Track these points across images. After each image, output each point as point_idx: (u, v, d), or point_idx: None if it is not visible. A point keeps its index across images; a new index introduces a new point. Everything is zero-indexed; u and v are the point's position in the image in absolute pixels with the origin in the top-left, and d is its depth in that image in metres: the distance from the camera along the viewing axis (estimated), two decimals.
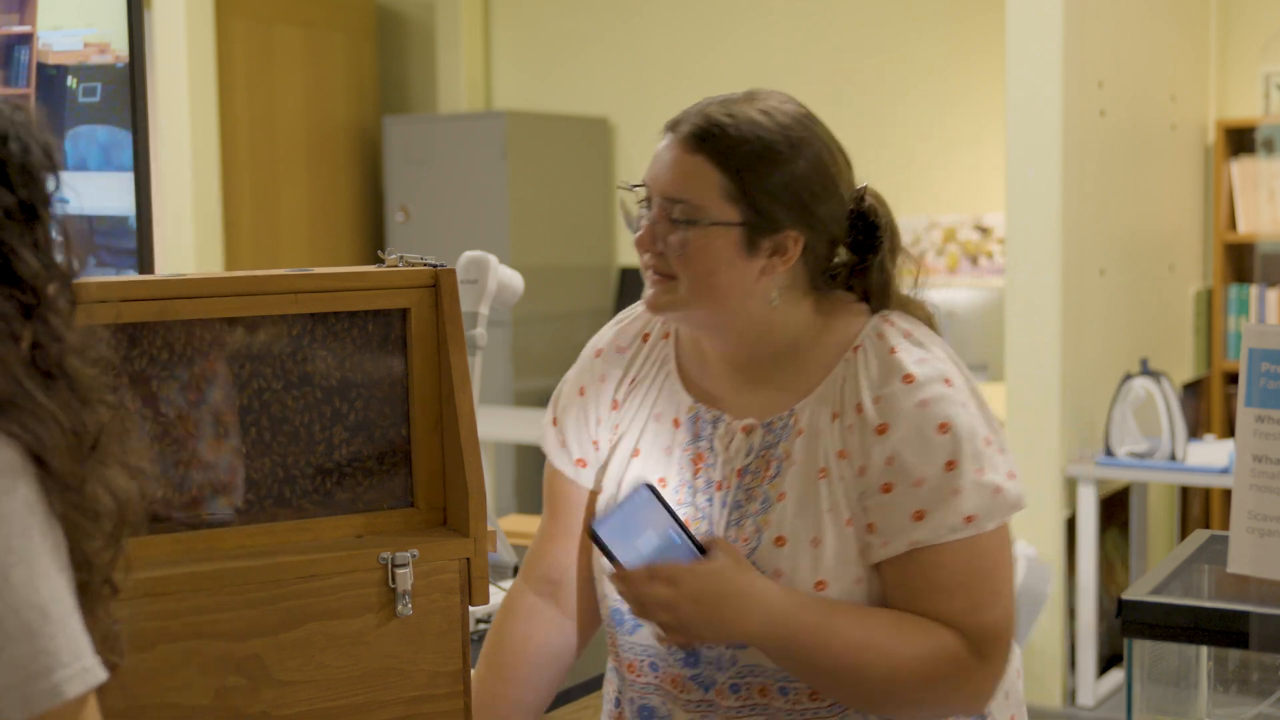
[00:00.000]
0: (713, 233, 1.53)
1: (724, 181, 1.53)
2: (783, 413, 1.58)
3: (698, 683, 1.60)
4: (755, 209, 1.53)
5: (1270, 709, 1.49)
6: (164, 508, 1.47)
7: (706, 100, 1.60)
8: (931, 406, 1.52)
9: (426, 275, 1.57)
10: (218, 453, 1.50)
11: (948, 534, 1.50)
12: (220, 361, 1.50)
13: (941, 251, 6.24)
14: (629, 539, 1.51)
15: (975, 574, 1.51)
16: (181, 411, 1.48)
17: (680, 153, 1.56)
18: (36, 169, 1.12)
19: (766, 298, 1.56)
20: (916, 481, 1.51)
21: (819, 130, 1.60)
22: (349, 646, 1.48)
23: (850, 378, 1.56)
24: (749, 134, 1.54)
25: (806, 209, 1.55)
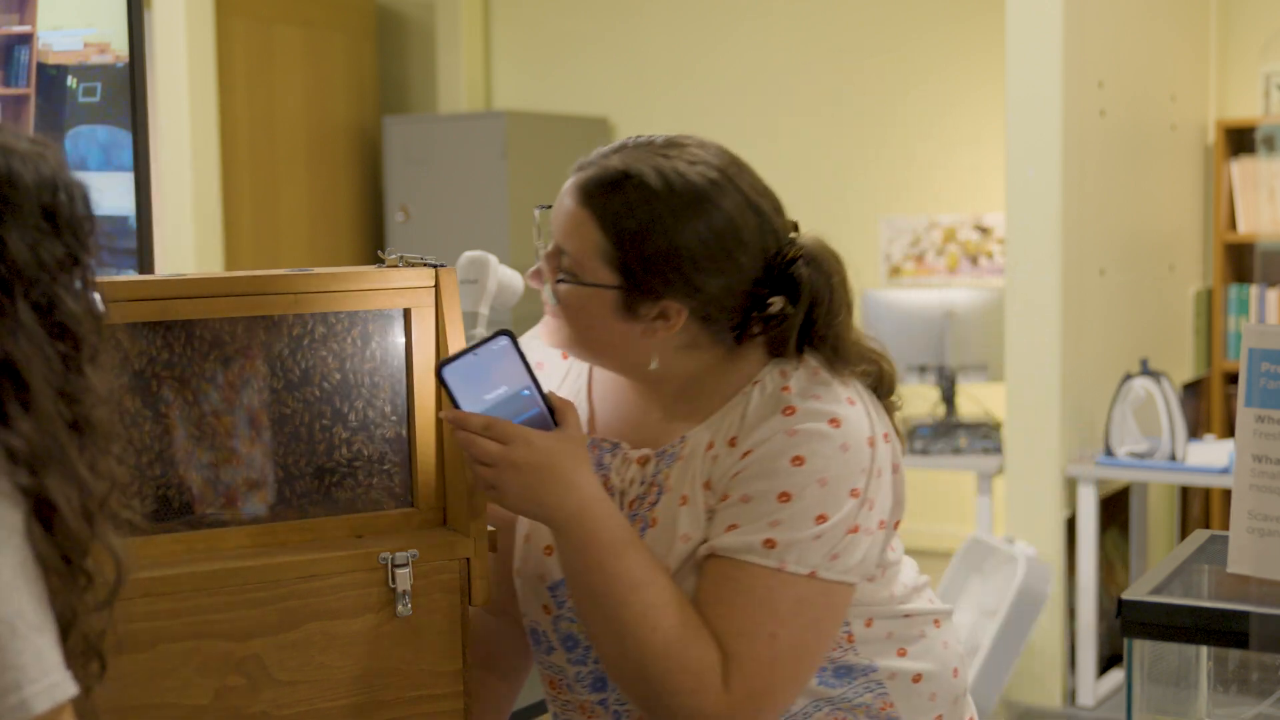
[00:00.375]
0: (589, 292, 1.50)
1: (604, 243, 1.48)
2: (675, 440, 1.56)
3: (605, 708, 1.59)
4: (632, 277, 1.48)
5: (1270, 709, 1.49)
6: (165, 508, 1.48)
7: (623, 143, 1.53)
8: (797, 439, 1.46)
9: (426, 275, 1.57)
10: (217, 453, 1.50)
11: (745, 552, 1.45)
12: (221, 361, 1.50)
13: (941, 251, 6.24)
14: (477, 386, 1.47)
15: (762, 607, 1.45)
16: (182, 411, 1.48)
17: (571, 202, 1.51)
18: (81, 219, 1.14)
19: (649, 357, 1.53)
20: (744, 497, 1.47)
21: (729, 195, 1.50)
22: (349, 646, 1.48)
23: (739, 409, 1.52)
24: (639, 198, 1.48)
25: (689, 282, 1.48)
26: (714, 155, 1.53)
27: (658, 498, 1.54)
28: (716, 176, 1.51)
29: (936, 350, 5.22)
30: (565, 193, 1.53)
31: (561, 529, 1.47)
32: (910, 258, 6.28)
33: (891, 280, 6.28)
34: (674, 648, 1.44)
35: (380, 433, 1.56)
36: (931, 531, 5.88)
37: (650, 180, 1.48)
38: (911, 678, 1.59)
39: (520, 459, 1.45)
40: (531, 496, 1.46)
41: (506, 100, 7.02)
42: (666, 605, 1.46)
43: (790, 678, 1.47)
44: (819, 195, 6.35)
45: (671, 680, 1.44)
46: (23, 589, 1.04)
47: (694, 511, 1.51)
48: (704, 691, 1.44)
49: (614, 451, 1.60)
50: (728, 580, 1.46)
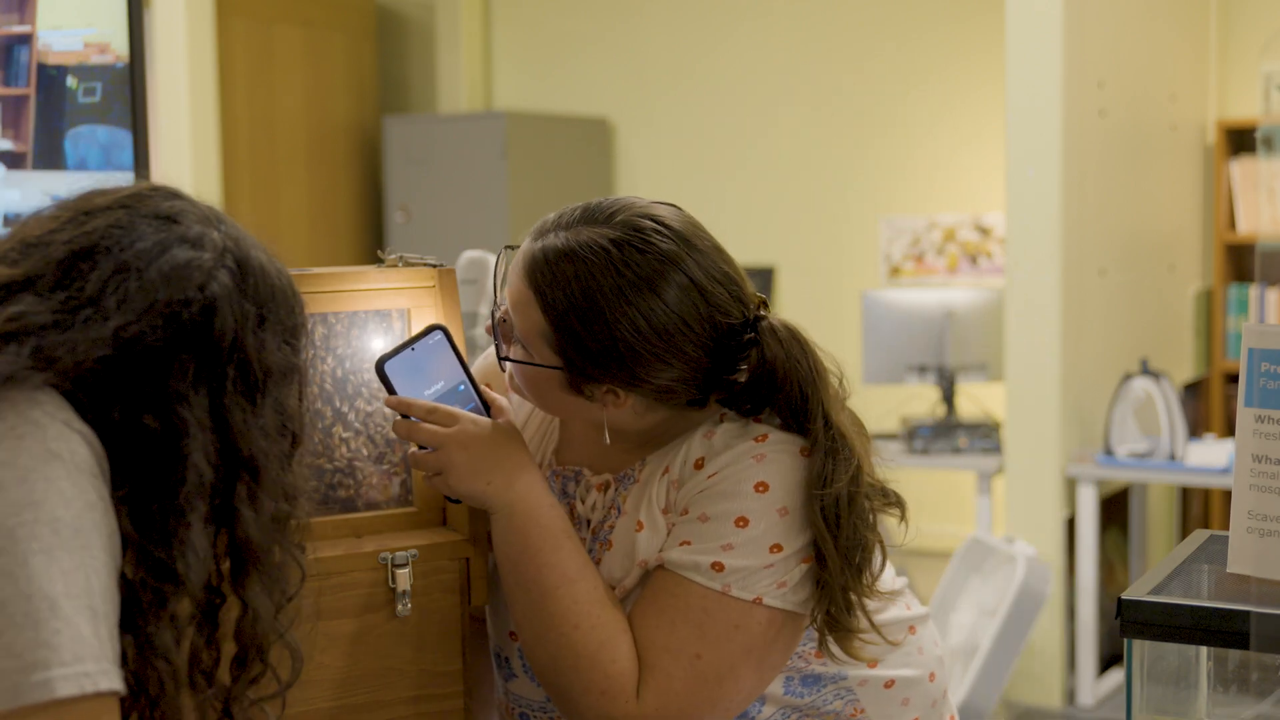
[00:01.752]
0: (535, 370, 1.48)
1: (545, 328, 1.45)
2: (635, 464, 1.54)
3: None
4: (573, 364, 1.45)
5: (1270, 709, 1.49)
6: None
7: (586, 211, 1.47)
8: (765, 463, 1.45)
9: (426, 275, 1.57)
10: None
11: (691, 570, 1.43)
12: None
13: (941, 251, 6.24)
14: (416, 380, 1.49)
15: (693, 627, 1.42)
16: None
17: (519, 279, 1.47)
18: (304, 329, 1.23)
19: (603, 422, 1.50)
20: (703, 516, 1.45)
21: (677, 284, 1.43)
22: (349, 646, 1.48)
23: (705, 436, 1.50)
24: (581, 289, 1.42)
25: (632, 374, 1.44)
26: (670, 240, 1.45)
27: (615, 520, 1.53)
28: (669, 268, 1.44)
29: (936, 350, 5.22)
30: (517, 261, 1.49)
31: (503, 510, 1.47)
32: (910, 258, 6.28)
33: (891, 280, 6.28)
34: (592, 648, 1.43)
35: (380, 433, 1.56)
36: (931, 531, 5.88)
37: (596, 269, 1.43)
38: (883, 684, 1.57)
39: (467, 439, 1.46)
40: (479, 474, 1.46)
41: (506, 100, 7.02)
42: (593, 604, 1.45)
43: (708, 701, 1.44)
44: (819, 195, 6.35)
45: (585, 679, 1.43)
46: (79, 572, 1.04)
47: (652, 537, 1.49)
48: (615, 697, 1.43)
49: (576, 479, 1.58)
50: (667, 594, 1.45)
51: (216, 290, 1.15)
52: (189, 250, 1.16)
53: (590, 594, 1.45)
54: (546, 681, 1.48)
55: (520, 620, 1.48)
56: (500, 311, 1.52)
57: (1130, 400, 4.70)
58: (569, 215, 1.48)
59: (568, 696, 1.45)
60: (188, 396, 1.13)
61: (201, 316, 1.14)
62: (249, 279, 1.18)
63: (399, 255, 1.59)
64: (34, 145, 2.05)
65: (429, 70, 7.04)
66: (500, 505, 1.47)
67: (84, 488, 1.07)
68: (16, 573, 1.01)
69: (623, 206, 1.48)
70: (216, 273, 1.16)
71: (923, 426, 5.07)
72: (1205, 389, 5.59)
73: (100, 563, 1.06)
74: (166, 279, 1.13)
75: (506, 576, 1.49)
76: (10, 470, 1.05)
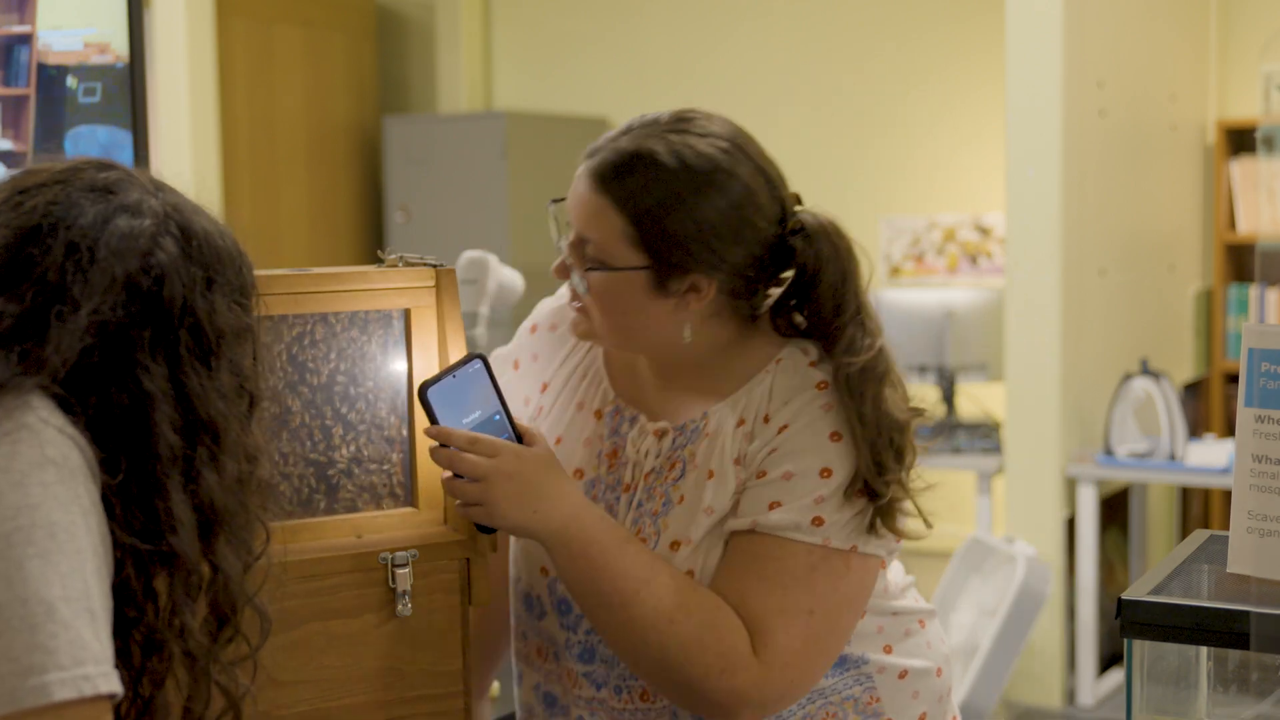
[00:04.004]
0: (619, 277, 1.50)
1: (625, 227, 1.49)
2: (695, 416, 1.56)
3: (589, 680, 1.59)
4: (659, 255, 1.49)
5: (1270, 709, 1.49)
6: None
7: (629, 125, 1.53)
8: (833, 412, 1.49)
9: (426, 275, 1.57)
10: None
11: (792, 531, 1.47)
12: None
13: (941, 251, 6.24)
14: (456, 408, 1.49)
15: (803, 584, 1.46)
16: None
17: (588, 190, 1.52)
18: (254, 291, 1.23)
19: (681, 331, 1.53)
20: (786, 474, 1.48)
21: (741, 164, 1.51)
22: (349, 646, 1.48)
23: (765, 386, 1.53)
24: (654, 177, 1.48)
25: (715, 253, 1.49)
26: (721, 126, 1.53)
27: (681, 474, 1.55)
28: (727, 146, 1.51)
29: (936, 350, 5.22)
30: (579, 181, 1.53)
31: (557, 536, 1.48)
32: (910, 258, 6.28)
33: (891, 280, 6.28)
34: (696, 633, 1.45)
35: (380, 433, 1.56)
36: (931, 531, 5.88)
37: (663, 158, 1.48)
38: (898, 674, 1.60)
39: (512, 469, 1.46)
40: (525, 505, 1.46)
41: (506, 100, 7.02)
42: (679, 592, 1.46)
43: (823, 653, 1.50)
44: (819, 195, 6.28)
45: (699, 666, 1.45)
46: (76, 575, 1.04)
47: (720, 486, 1.51)
48: (736, 670, 1.45)
49: (632, 422, 1.60)
50: (770, 559, 1.47)
51: (163, 257, 1.16)
52: (130, 219, 1.16)
53: (670, 585, 1.47)
54: (663, 683, 1.49)
55: (614, 635, 1.48)
56: (571, 238, 1.54)
57: (1130, 400, 4.70)
58: (619, 130, 1.53)
59: (688, 686, 1.46)
60: (148, 367, 1.13)
61: (154, 285, 1.15)
62: (193, 242, 1.19)
63: (399, 255, 1.59)
64: (34, 145, 2.05)
65: (429, 70, 7.03)
66: (549, 533, 1.48)
67: (78, 492, 1.07)
68: (13, 576, 1.01)
69: (674, 111, 1.54)
70: (161, 239, 1.16)
71: (923, 426, 5.06)
72: (1205, 389, 5.59)
73: (95, 566, 1.06)
74: (117, 253, 1.14)
75: (583, 600, 1.49)
76: (6, 475, 1.05)
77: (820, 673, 1.51)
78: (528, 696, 1.68)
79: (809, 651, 1.48)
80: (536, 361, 1.70)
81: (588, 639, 1.58)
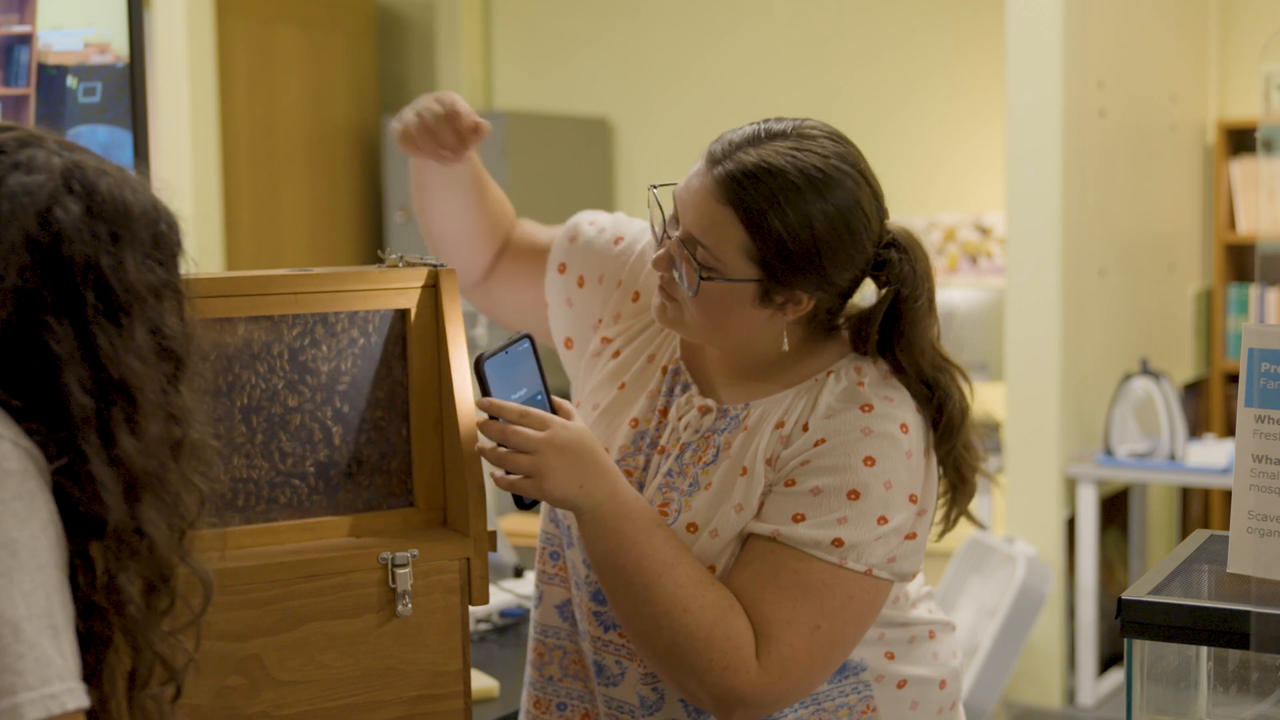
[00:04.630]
0: (728, 285, 1.52)
1: (746, 241, 1.50)
2: (739, 405, 1.59)
3: (598, 620, 1.62)
4: (772, 271, 1.51)
5: (1270, 709, 1.49)
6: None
7: (753, 131, 1.54)
8: (871, 438, 1.51)
9: (426, 275, 1.57)
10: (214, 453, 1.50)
11: (812, 547, 1.49)
12: (221, 362, 1.49)
13: (941, 251, 6.24)
14: (505, 384, 1.51)
15: (814, 600, 1.49)
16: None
17: (709, 197, 1.52)
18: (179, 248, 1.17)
19: (770, 338, 1.57)
20: (814, 489, 1.50)
21: (854, 180, 1.54)
22: (349, 646, 1.48)
23: (811, 395, 1.56)
24: (781, 197, 1.50)
25: (824, 273, 1.52)
26: (838, 142, 1.56)
27: (714, 459, 1.57)
28: (847, 168, 1.53)
29: None
30: (701, 183, 1.53)
31: (598, 509, 1.50)
32: None
33: None
34: (706, 626, 1.47)
35: (380, 433, 1.56)
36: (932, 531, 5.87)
37: (791, 177, 1.50)
38: (896, 683, 1.61)
39: (562, 442, 1.49)
40: (573, 478, 1.49)
41: (506, 100, 7.02)
42: (697, 584, 1.49)
43: (822, 666, 1.51)
44: None
45: (704, 659, 1.47)
46: (39, 592, 1.03)
47: (751, 484, 1.54)
48: (738, 669, 1.47)
49: (684, 389, 1.63)
50: (786, 569, 1.49)
51: (61, 214, 1.11)
52: (23, 176, 1.12)
53: (690, 575, 1.49)
54: (667, 668, 1.51)
55: (628, 616, 1.51)
56: (680, 233, 1.54)
57: (1130, 400, 4.70)
58: (744, 137, 1.53)
59: (690, 677, 1.49)
60: (54, 328, 1.09)
61: (54, 242, 1.10)
62: (95, 196, 1.13)
63: (399, 255, 1.59)
64: None
65: (429, 70, 7.03)
66: (590, 506, 1.50)
67: (37, 505, 1.06)
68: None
69: (791, 121, 1.56)
70: (60, 196, 1.12)
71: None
72: (1205, 389, 5.59)
73: (56, 577, 1.05)
74: (11, 212, 1.10)
75: (605, 574, 1.52)
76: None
77: (817, 683, 1.54)
78: (547, 616, 1.70)
79: (810, 663, 1.50)
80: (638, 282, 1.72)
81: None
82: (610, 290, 1.73)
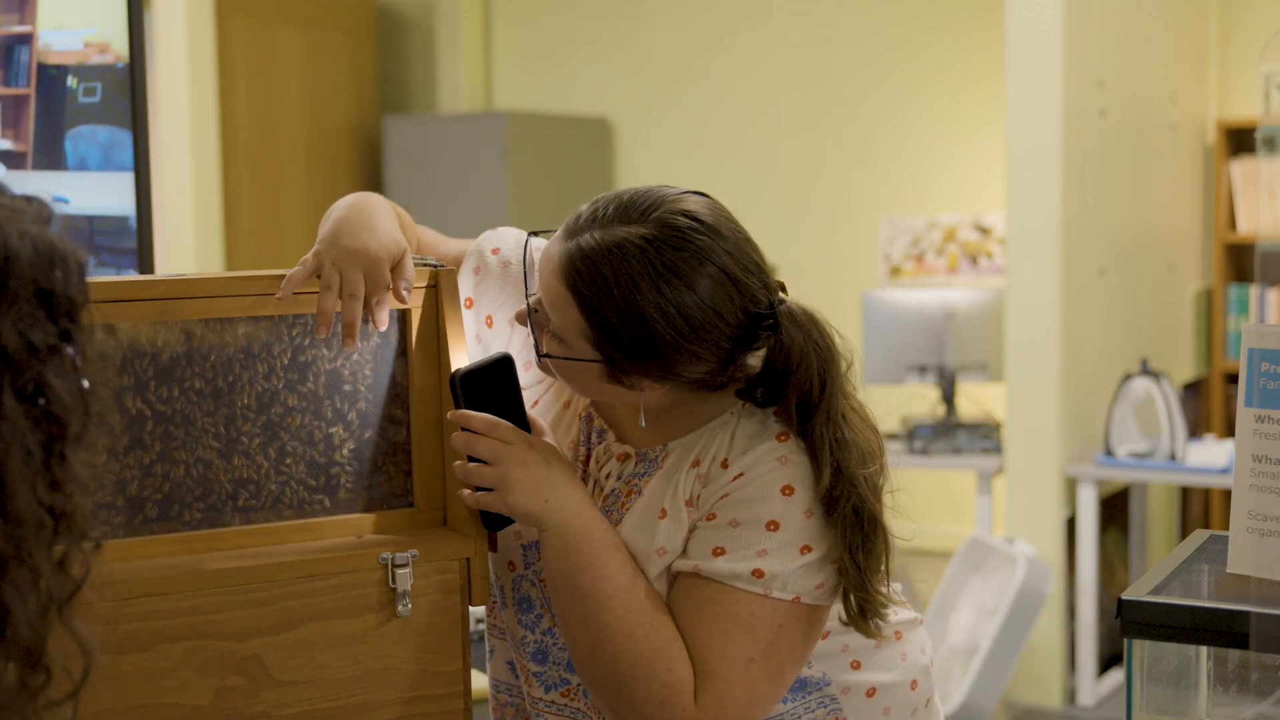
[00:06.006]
0: (573, 362, 1.50)
1: (584, 326, 1.47)
2: (656, 447, 1.56)
3: (539, 680, 1.60)
4: (611, 359, 1.48)
5: (1270, 709, 1.49)
6: (165, 508, 1.48)
7: (615, 206, 1.48)
8: (788, 466, 1.47)
9: (426, 275, 1.57)
10: (218, 452, 1.50)
11: (732, 580, 1.46)
12: (220, 362, 1.50)
13: (941, 251, 6.24)
14: (480, 398, 1.51)
15: (743, 632, 1.46)
16: (183, 411, 1.48)
17: (554, 273, 1.49)
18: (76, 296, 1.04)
19: (646, 399, 1.53)
20: (733, 521, 1.47)
21: (711, 274, 1.45)
22: (349, 646, 1.48)
23: (727, 429, 1.53)
24: (620, 290, 1.44)
25: (666, 366, 1.47)
26: (699, 226, 1.47)
27: (634, 501, 1.55)
28: (701, 258, 1.46)
29: (936, 350, 5.22)
30: (552, 258, 1.49)
31: (559, 526, 1.48)
32: (910, 258, 6.28)
33: (891, 280, 6.28)
34: (649, 656, 1.45)
35: (380, 433, 1.56)
36: (931, 531, 5.88)
37: (633, 268, 1.44)
38: (865, 691, 1.59)
39: (527, 457, 1.48)
40: (537, 492, 1.47)
41: (506, 100, 7.02)
42: (645, 612, 1.47)
43: (762, 699, 1.48)
44: (819, 195, 6.34)
45: (643, 689, 1.45)
46: None
47: (674, 526, 1.51)
48: (674, 704, 1.45)
49: (600, 436, 1.61)
50: (711, 603, 1.47)
51: None
52: None
53: (642, 603, 1.47)
54: (604, 694, 1.49)
55: (574, 635, 1.49)
56: (533, 300, 1.53)
57: (1130, 400, 4.70)
58: (602, 212, 1.48)
59: (628, 705, 1.47)
60: None
61: None
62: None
63: None
64: (34, 145, 2.05)
65: (429, 70, 7.03)
66: (553, 522, 1.48)
67: None
68: None
69: (655, 201, 1.48)
70: None
71: (923, 426, 5.07)
72: (1205, 389, 5.60)
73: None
74: None
75: (558, 591, 1.50)
76: None
77: (760, 716, 1.50)
78: (498, 671, 1.69)
79: (747, 698, 1.47)
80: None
81: (543, 639, 1.59)
82: (522, 333, 1.66)
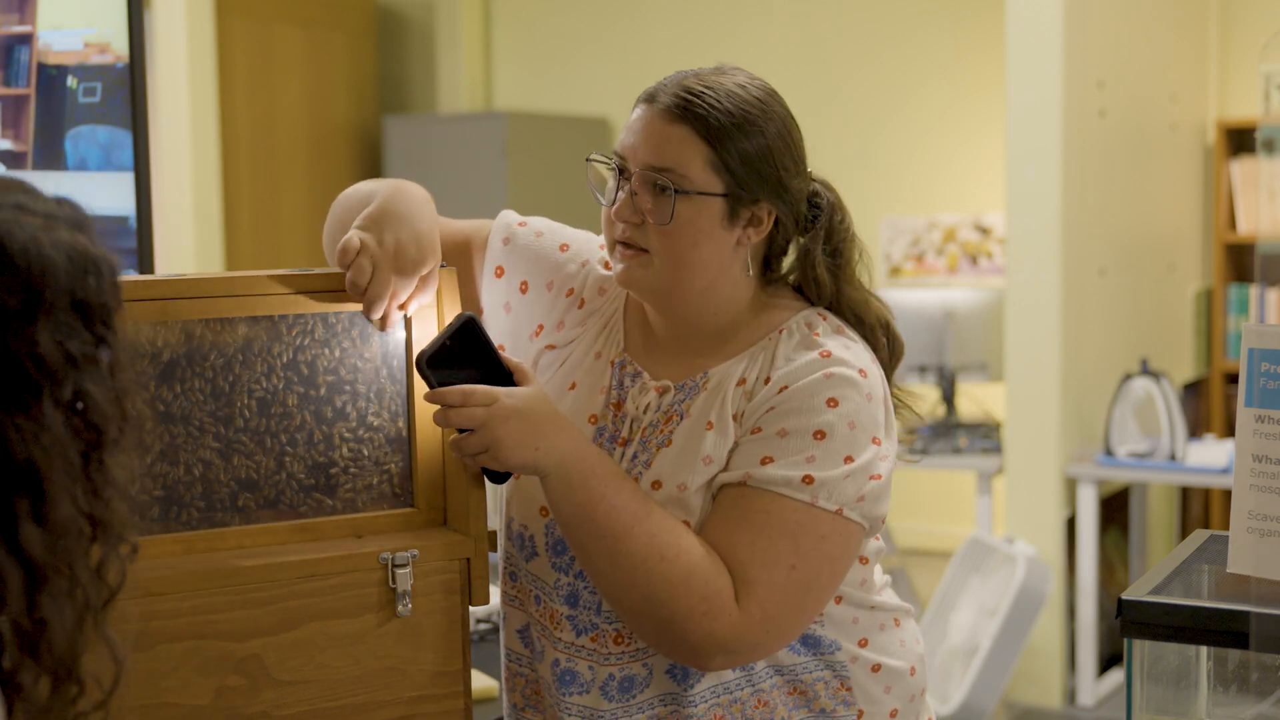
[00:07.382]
0: (698, 202, 1.55)
1: (707, 151, 1.55)
2: (696, 376, 1.61)
3: (571, 623, 1.60)
4: (736, 179, 1.55)
5: (1270, 709, 1.49)
6: (165, 508, 1.48)
7: (679, 73, 1.61)
8: (833, 381, 1.53)
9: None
10: (218, 452, 1.50)
11: (782, 486, 1.50)
12: (219, 362, 1.50)
13: (941, 251, 6.24)
14: (452, 371, 1.50)
15: (788, 539, 1.50)
16: (183, 411, 1.48)
17: (661, 123, 1.57)
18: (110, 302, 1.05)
19: (734, 271, 1.60)
20: (780, 431, 1.52)
21: (783, 106, 1.62)
22: (349, 646, 1.48)
23: (768, 353, 1.58)
24: (727, 105, 1.56)
25: (780, 181, 1.57)
26: (756, 77, 1.63)
27: (677, 423, 1.58)
28: (770, 91, 1.61)
29: (936, 350, 5.22)
30: (646, 120, 1.59)
31: (559, 468, 1.50)
32: (910, 258, 6.28)
33: (891, 280, 6.28)
34: (683, 574, 1.47)
35: (380, 433, 1.56)
36: (931, 531, 5.88)
37: (732, 89, 1.57)
38: (870, 667, 1.63)
39: (507, 412, 1.49)
40: (528, 441, 1.49)
41: (506, 100, 7.02)
42: (670, 532, 1.49)
43: (800, 609, 1.52)
44: None
45: (684, 606, 1.47)
46: None
47: (720, 438, 1.55)
48: (717, 615, 1.47)
49: (636, 378, 1.64)
50: (759, 511, 1.50)
51: None
52: None
53: (663, 525, 1.50)
54: (644, 621, 1.50)
55: (602, 571, 1.51)
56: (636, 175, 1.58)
57: (1130, 400, 4.70)
58: (673, 76, 1.61)
59: (670, 626, 1.48)
60: None
61: None
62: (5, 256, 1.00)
63: None
64: (34, 145, 2.05)
65: (429, 70, 7.03)
66: (551, 467, 1.50)
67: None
68: None
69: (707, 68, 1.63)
70: None
71: (923, 426, 5.07)
72: (1205, 389, 5.59)
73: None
74: None
75: (576, 533, 1.51)
76: None
77: (797, 630, 1.54)
78: (510, 640, 1.69)
79: (788, 604, 1.50)
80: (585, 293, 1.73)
81: (575, 583, 1.60)
82: (558, 298, 1.73)
